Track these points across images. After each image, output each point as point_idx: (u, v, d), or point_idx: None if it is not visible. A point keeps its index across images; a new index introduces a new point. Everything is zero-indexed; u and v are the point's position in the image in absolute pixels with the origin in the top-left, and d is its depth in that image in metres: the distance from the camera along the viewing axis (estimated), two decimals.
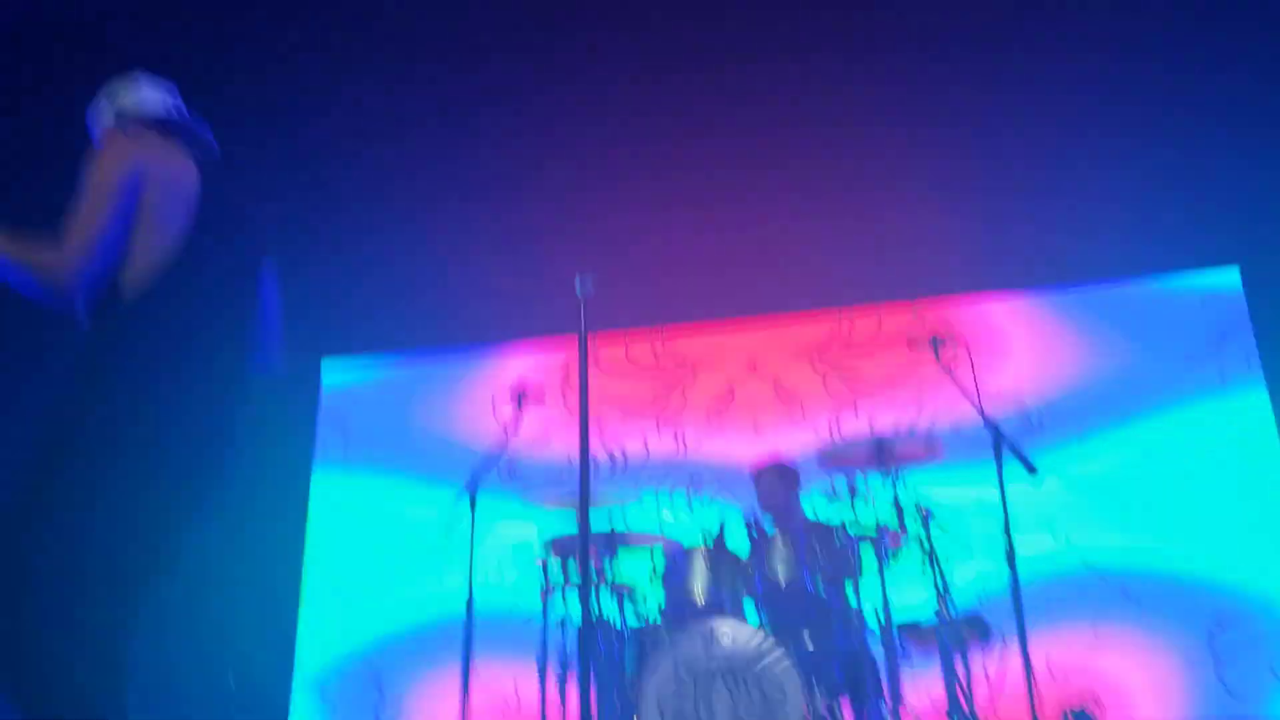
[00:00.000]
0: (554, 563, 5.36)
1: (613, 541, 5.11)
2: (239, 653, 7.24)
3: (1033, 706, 4.31)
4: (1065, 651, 6.53)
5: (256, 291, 3.24)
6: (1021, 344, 7.32)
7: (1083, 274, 7.32)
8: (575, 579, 5.29)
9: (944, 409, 7.14)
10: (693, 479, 7.49)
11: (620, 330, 7.92)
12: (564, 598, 5.45)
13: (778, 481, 5.73)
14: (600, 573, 5.05)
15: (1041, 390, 7.16)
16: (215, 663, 7.19)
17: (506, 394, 5.58)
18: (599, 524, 5.10)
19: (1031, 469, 4.80)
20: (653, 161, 7.41)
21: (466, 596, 5.11)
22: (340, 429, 8.13)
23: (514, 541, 7.43)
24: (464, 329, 8.08)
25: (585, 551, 3.59)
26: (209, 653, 7.13)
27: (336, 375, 8.31)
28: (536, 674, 5.37)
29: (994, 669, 5.13)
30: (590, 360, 3.65)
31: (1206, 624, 6.40)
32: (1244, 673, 6.27)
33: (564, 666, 5.30)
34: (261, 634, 7.45)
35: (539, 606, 5.48)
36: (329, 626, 7.64)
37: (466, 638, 5.06)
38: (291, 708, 7.39)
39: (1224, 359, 6.92)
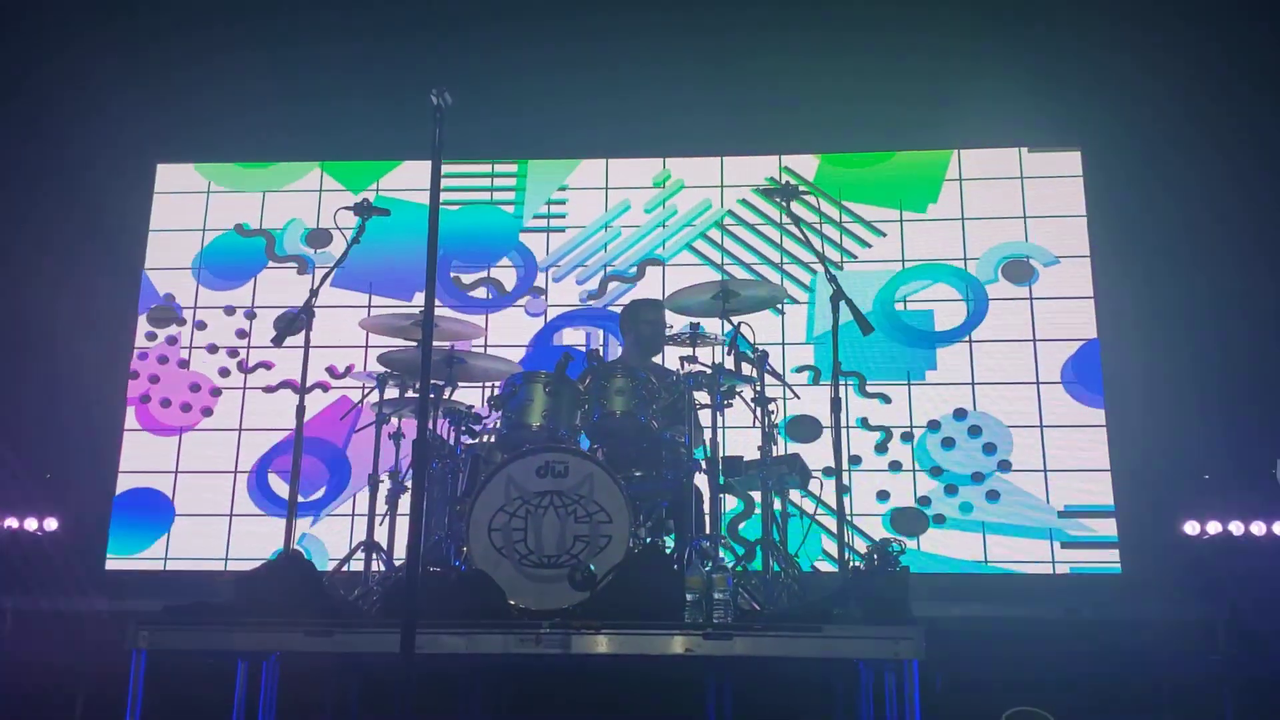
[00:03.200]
0: (390, 377, 5.33)
1: (452, 361, 5.10)
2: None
3: (841, 542, 4.57)
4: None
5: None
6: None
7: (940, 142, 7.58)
8: (413, 394, 5.28)
9: (792, 258, 7.35)
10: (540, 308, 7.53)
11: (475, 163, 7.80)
12: (399, 412, 5.46)
13: (661, 314, 5.75)
14: (438, 390, 5.04)
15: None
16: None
17: (352, 207, 5.38)
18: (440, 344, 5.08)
19: (868, 328, 4.98)
20: None
21: (298, 405, 5.04)
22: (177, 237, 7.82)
23: (349, 352, 7.38)
24: (314, 145, 7.85)
25: (426, 366, 3.59)
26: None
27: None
28: (367, 487, 5.40)
29: (811, 508, 5.42)
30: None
31: None
32: None
33: (395, 481, 5.33)
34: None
35: (372, 419, 5.47)
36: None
37: (296, 444, 5.01)
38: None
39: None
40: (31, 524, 6.88)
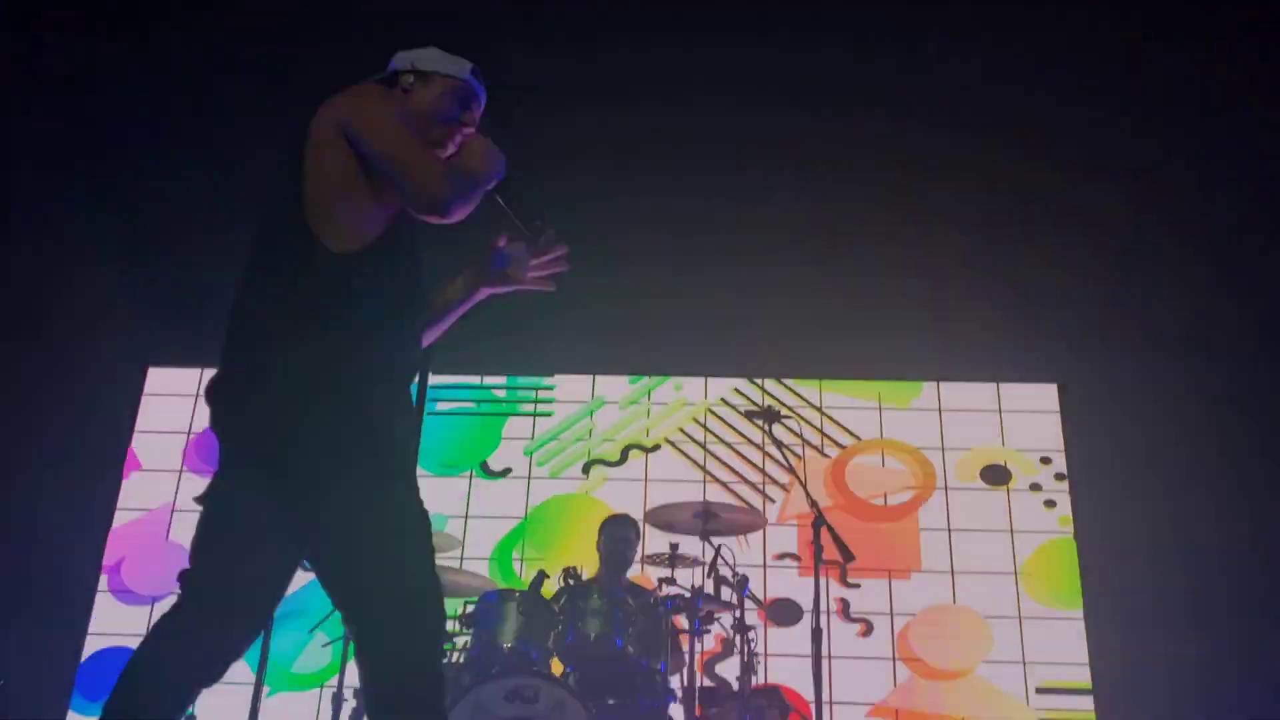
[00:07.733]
0: None
1: None
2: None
3: None
4: None
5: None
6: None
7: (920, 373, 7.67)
8: None
9: (773, 483, 7.33)
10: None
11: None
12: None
13: (630, 533, 5.68)
14: None
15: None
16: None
17: None
18: None
19: (850, 557, 4.92)
20: None
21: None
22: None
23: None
24: None
25: None
26: None
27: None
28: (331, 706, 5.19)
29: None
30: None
31: None
32: None
33: (358, 696, 5.13)
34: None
35: (340, 633, 5.30)
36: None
37: (264, 645, 4.82)
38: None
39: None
40: None
